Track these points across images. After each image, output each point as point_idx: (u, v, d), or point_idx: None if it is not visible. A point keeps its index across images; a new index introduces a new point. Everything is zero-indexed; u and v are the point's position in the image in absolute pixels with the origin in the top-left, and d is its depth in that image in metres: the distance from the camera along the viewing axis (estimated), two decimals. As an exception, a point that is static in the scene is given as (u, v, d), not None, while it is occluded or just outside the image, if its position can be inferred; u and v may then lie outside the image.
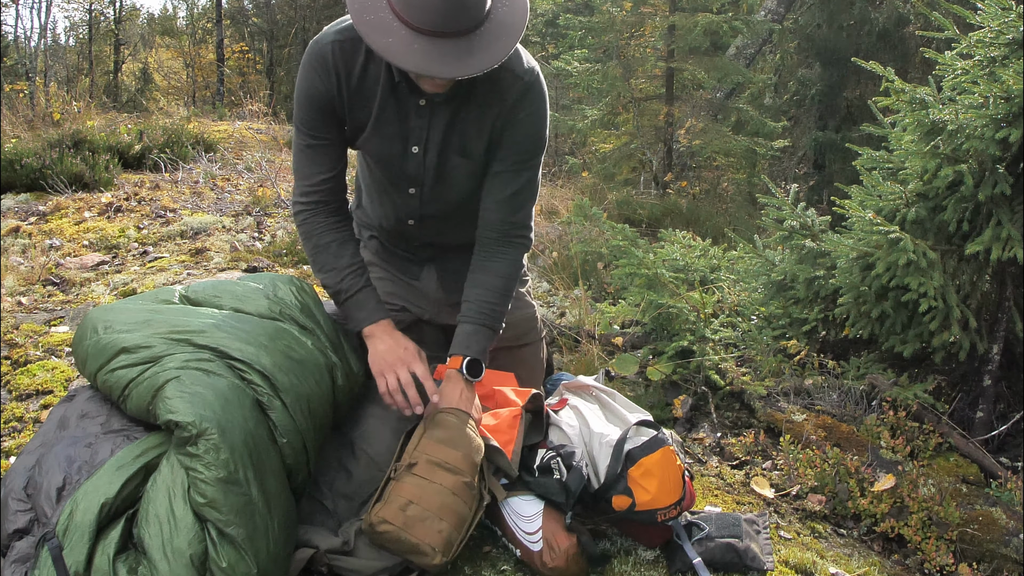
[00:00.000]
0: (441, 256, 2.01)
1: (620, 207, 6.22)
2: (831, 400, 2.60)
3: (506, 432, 1.70)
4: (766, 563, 1.68)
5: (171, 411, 1.40)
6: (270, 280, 1.81)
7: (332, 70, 1.64)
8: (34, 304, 3.28)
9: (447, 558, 1.49)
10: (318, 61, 1.64)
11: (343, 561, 1.51)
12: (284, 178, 5.77)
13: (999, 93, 2.19)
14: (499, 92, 1.67)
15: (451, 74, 1.46)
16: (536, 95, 1.70)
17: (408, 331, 1.98)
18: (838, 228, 2.70)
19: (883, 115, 2.77)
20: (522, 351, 2.05)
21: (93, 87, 14.01)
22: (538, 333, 2.12)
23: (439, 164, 1.75)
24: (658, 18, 6.85)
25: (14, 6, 16.53)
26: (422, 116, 1.69)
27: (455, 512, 1.52)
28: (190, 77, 16.92)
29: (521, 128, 1.72)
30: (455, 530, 1.51)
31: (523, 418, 1.74)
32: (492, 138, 1.72)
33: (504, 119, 1.70)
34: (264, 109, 9.89)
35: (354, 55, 1.64)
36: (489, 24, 1.49)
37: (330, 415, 1.64)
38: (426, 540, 1.48)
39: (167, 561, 1.30)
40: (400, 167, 1.77)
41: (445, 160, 1.74)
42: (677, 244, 3.36)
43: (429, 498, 1.52)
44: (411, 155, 1.74)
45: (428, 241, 1.98)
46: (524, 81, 1.67)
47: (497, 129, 1.71)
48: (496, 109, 1.68)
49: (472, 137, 1.72)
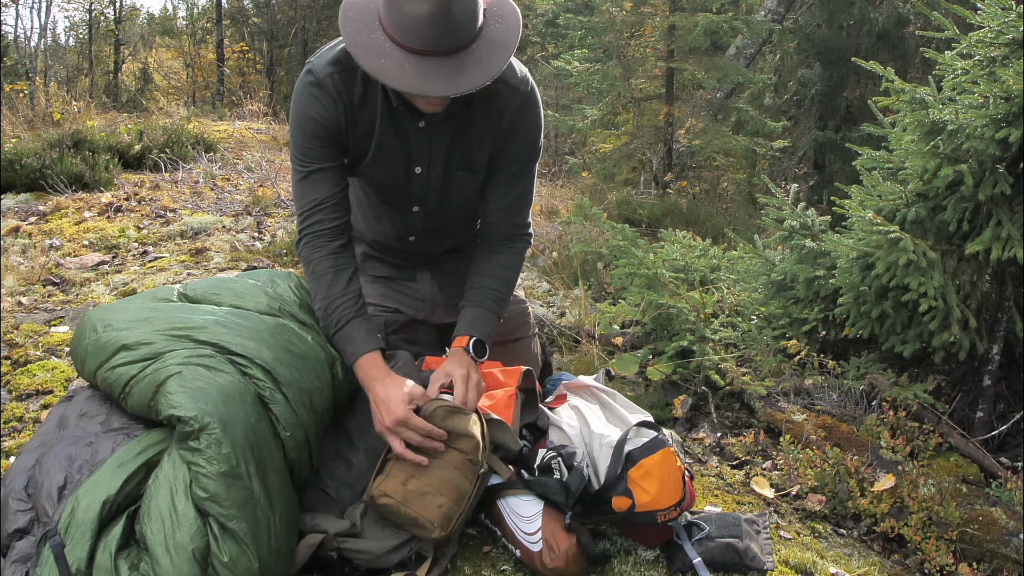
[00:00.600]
0: (437, 260, 2.03)
1: (620, 207, 6.23)
2: (831, 400, 2.60)
3: (502, 412, 1.71)
4: (766, 563, 1.68)
5: (173, 406, 1.41)
6: (268, 277, 1.81)
7: (336, 97, 1.63)
8: (34, 304, 3.28)
9: (446, 532, 1.52)
10: (319, 89, 1.62)
11: (352, 543, 1.53)
12: (284, 178, 5.77)
13: (999, 93, 2.20)
14: (498, 105, 1.68)
15: (443, 92, 1.46)
16: (533, 105, 1.72)
17: (402, 331, 1.99)
18: (838, 228, 2.70)
19: (883, 115, 2.77)
20: (516, 345, 2.07)
21: (93, 87, 14.02)
22: (531, 328, 2.14)
23: (444, 182, 1.77)
24: (658, 18, 6.85)
25: (14, 6, 16.55)
26: (422, 138, 1.70)
27: (455, 487, 1.54)
28: (190, 77, 16.93)
29: (520, 138, 1.75)
30: (455, 504, 1.53)
31: (518, 397, 1.76)
32: (494, 150, 1.75)
33: (505, 131, 1.72)
34: (264, 109, 9.90)
35: (351, 83, 1.64)
36: (481, 41, 1.50)
37: (331, 409, 1.65)
38: (425, 514, 1.51)
39: (169, 556, 1.31)
40: (404, 189, 1.78)
41: (450, 178, 1.76)
42: (677, 244, 3.36)
43: (429, 472, 1.54)
44: (414, 176, 1.75)
45: (426, 252, 2.00)
46: (520, 92, 1.69)
47: (499, 141, 1.73)
48: (496, 122, 1.70)
49: (475, 152, 1.74)
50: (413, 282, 2.03)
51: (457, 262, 1.96)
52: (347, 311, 1.65)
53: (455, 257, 2.00)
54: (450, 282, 1.99)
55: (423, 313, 2.03)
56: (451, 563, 1.62)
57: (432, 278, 2.03)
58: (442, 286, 2.02)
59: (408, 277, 2.04)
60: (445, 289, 2.01)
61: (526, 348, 2.10)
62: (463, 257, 1.92)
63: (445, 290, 2.01)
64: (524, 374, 1.80)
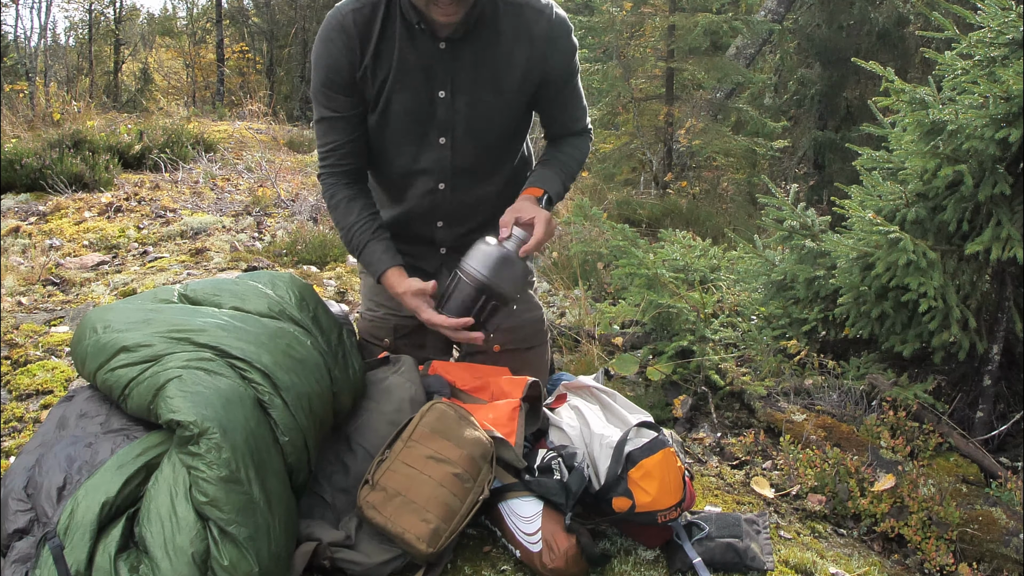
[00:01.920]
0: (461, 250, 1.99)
1: (620, 207, 6.23)
2: (831, 400, 2.60)
3: (506, 425, 1.70)
4: (766, 563, 1.68)
5: (173, 410, 1.40)
6: (269, 278, 1.81)
7: (355, 37, 1.69)
8: (34, 304, 3.28)
9: (433, 548, 1.50)
10: (337, 32, 1.69)
11: (345, 554, 1.52)
12: (284, 178, 5.78)
13: (999, 93, 2.19)
14: (525, 27, 1.72)
15: None
16: (562, 25, 1.77)
17: (411, 336, 1.99)
18: (838, 228, 2.70)
19: (883, 115, 2.77)
20: (528, 354, 2.04)
21: (93, 87, 14.01)
22: (544, 336, 2.11)
23: (469, 107, 1.78)
24: (658, 18, 6.86)
25: (14, 6, 16.54)
26: (444, 60, 1.72)
27: (443, 504, 1.52)
28: (190, 77, 16.93)
29: (559, 59, 1.80)
30: (443, 522, 1.51)
31: (522, 409, 1.74)
32: (527, 75, 1.77)
33: (540, 56, 1.76)
34: (264, 109, 9.90)
35: (372, 21, 1.70)
36: None
37: (330, 413, 1.64)
38: (412, 530, 1.50)
39: (169, 559, 1.30)
40: (428, 115, 1.78)
41: (476, 100, 1.77)
42: (677, 244, 3.36)
43: (417, 489, 1.53)
44: (439, 100, 1.76)
45: (451, 235, 1.97)
46: (546, 14, 1.74)
47: (538, 67, 1.77)
48: (527, 47, 1.74)
49: (503, 74, 1.76)
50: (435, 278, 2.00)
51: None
52: (364, 236, 1.82)
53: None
54: None
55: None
56: (451, 563, 1.62)
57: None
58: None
59: (430, 268, 2.01)
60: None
61: (538, 358, 2.08)
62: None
63: None
64: (530, 385, 1.78)
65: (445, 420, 1.61)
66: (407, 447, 1.58)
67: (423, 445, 1.58)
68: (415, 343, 1.98)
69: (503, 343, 1.97)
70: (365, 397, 1.77)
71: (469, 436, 1.59)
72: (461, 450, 1.57)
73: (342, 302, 3.44)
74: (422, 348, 1.99)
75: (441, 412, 1.62)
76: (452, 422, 1.61)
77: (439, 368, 1.88)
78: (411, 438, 1.59)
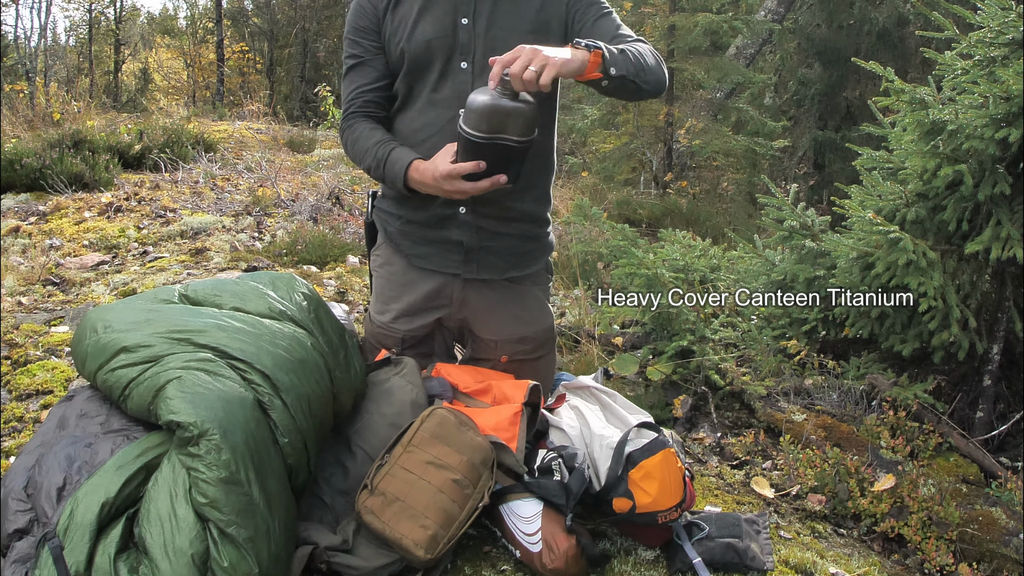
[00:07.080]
0: (484, 245, 1.89)
1: (620, 207, 6.23)
2: (831, 400, 2.60)
3: (508, 430, 1.70)
4: (766, 563, 1.68)
5: (173, 411, 1.40)
6: (270, 279, 1.80)
7: None
8: (34, 304, 3.28)
9: (431, 555, 1.49)
10: None
11: (342, 558, 1.52)
12: (284, 178, 5.77)
13: (999, 93, 2.20)
14: None
15: None
16: None
17: (419, 345, 1.95)
18: (838, 228, 2.70)
19: (883, 115, 2.77)
20: (537, 363, 2.01)
21: (93, 87, 14.01)
22: (552, 344, 2.07)
23: (488, 29, 1.81)
24: (658, 18, 6.85)
25: (14, 6, 16.54)
26: None
27: (442, 510, 1.52)
28: (190, 77, 16.93)
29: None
30: (442, 528, 1.51)
31: (523, 413, 1.74)
32: (549, 7, 1.82)
33: None
34: (264, 109, 9.91)
35: None
36: None
37: (331, 415, 1.64)
38: (410, 536, 1.49)
39: (168, 560, 1.30)
40: (451, 40, 1.82)
41: (495, 25, 1.81)
42: (677, 244, 3.35)
43: (416, 495, 1.52)
44: (460, 27, 1.81)
45: (475, 219, 1.87)
46: None
47: (563, 4, 1.82)
48: None
49: (522, 8, 1.81)
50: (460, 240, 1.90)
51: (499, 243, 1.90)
52: (389, 146, 1.82)
53: (497, 239, 1.89)
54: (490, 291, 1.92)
55: (449, 308, 1.93)
56: (451, 563, 1.62)
57: (466, 285, 1.91)
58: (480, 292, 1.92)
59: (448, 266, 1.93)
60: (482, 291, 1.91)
61: (547, 365, 2.06)
62: (506, 241, 1.89)
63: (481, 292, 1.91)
64: (531, 389, 1.77)
65: (446, 425, 1.60)
66: (407, 452, 1.58)
67: (423, 450, 1.57)
68: (423, 352, 1.97)
69: (511, 354, 1.94)
70: (366, 398, 1.76)
71: (470, 442, 1.59)
72: (461, 456, 1.56)
73: (342, 302, 3.44)
74: (430, 357, 1.98)
75: (442, 417, 1.61)
76: (453, 428, 1.60)
77: (442, 370, 1.87)
78: (411, 443, 1.59)
